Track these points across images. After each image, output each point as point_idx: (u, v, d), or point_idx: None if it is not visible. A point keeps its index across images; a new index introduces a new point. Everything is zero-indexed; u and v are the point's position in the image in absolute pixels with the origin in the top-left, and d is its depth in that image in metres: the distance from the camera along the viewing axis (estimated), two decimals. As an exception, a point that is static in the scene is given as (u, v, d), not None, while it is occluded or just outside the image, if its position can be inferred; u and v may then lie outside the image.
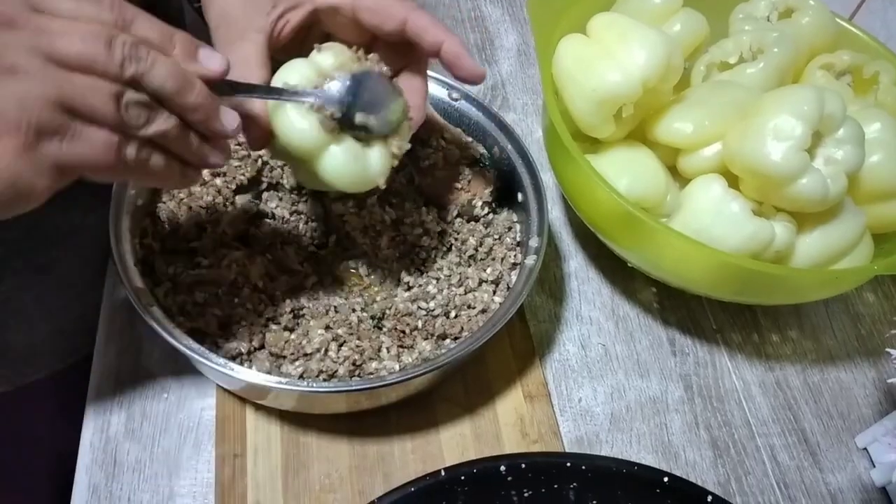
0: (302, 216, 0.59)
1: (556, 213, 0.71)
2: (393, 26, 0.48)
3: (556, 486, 0.49)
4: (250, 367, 0.51)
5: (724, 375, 0.62)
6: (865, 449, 0.59)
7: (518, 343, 0.61)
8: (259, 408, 0.55)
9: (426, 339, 0.55)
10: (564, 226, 0.70)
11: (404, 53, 0.50)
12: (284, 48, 0.49)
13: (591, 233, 0.65)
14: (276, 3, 0.47)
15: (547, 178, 0.70)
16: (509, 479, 0.49)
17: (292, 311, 0.54)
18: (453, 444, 0.55)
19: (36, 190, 0.34)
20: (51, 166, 0.34)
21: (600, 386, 0.60)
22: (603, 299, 0.66)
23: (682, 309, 0.65)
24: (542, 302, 0.65)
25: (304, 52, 0.47)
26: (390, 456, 0.54)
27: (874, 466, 0.58)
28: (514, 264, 0.58)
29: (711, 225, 0.54)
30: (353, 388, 0.48)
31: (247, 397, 0.55)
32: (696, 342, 0.64)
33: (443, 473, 0.48)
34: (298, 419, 0.55)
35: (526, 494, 0.49)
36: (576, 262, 0.68)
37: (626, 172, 0.58)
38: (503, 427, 0.56)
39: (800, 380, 0.63)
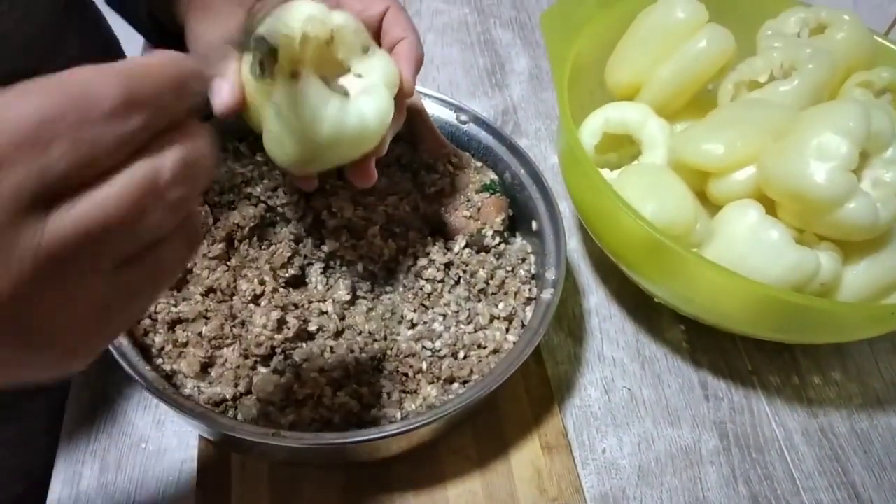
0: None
1: (573, 245, 0.66)
2: (375, 13, 0.47)
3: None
4: (235, 415, 0.46)
5: (763, 422, 0.56)
6: (925, 506, 0.53)
7: (534, 387, 0.55)
8: (246, 457, 0.49)
9: (432, 382, 0.49)
10: (583, 258, 0.65)
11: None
12: None
13: (613, 266, 0.60)
14: None
15: (563, 207, 0.65)
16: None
17: (283, 351, 0.48)
18: (462, 503, 0.49)
19: None
20: None
21: (626, 435, 0.54)
22: (627, 338, 0.60)
23: (713, 349, 0.60)
24: (561, 341, 0.59)
25: None
26: (391, 515, 0.48)
27: (936, 526, 0.52)
28: (529, 299, 0.53)
29: (748, 255, 0.49)
30: (349, 440, 0.42)
31: (231, 449, 0.50)
32: (730, 385, 0.58)
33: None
34: (288, 470, 0.49)
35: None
36: (596, 298, 0.62)
37: (650, 197, 0.53)
38: (518, 482, 0.50)
39: (846, 426, 0.56)
